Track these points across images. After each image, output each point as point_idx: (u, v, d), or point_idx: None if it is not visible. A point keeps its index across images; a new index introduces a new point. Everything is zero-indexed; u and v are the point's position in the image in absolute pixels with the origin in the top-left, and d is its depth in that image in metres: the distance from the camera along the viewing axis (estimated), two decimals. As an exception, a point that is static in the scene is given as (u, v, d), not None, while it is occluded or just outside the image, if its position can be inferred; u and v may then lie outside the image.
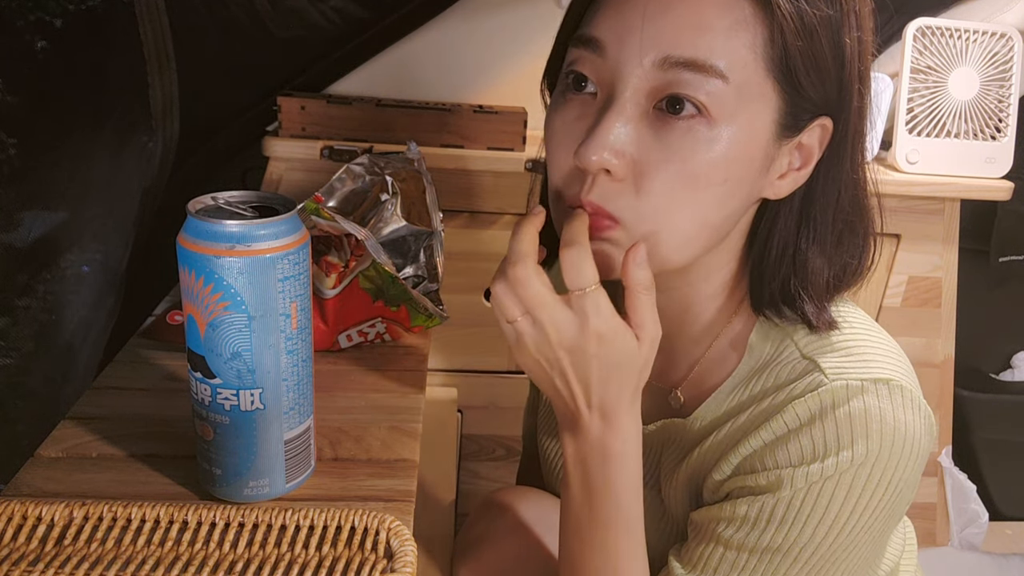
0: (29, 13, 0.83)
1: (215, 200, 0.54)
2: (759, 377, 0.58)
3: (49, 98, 0.90)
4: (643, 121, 0.51)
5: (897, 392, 0.53)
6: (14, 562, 0.48)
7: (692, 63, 0.48)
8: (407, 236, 0.86)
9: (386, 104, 1.08)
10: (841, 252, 0.57)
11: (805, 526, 0.53)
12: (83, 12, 0.88)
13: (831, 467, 0.52)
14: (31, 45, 0.84)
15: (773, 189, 0.55)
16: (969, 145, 1.16)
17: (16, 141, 0.84)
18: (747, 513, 0.55)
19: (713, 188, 0.51)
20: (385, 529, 0.52)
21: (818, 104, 0.52)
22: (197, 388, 0.54)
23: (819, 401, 0.53)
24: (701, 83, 0.49)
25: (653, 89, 0.50)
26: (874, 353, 0.56)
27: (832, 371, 0.54)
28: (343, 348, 0.83)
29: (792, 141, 0.53)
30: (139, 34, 0.97)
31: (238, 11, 1.10)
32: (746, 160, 0.51)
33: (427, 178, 0.89)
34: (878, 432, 0.52)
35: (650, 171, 0.50)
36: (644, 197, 0.51)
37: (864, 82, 0.53)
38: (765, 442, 0.55)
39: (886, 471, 0.52)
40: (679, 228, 0.52)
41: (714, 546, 0.57)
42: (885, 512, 0.54)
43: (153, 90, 1.00)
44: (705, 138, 0.50)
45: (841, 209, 0.56)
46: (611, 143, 0.50)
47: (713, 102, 0.49)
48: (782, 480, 0.53)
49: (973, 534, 1.35)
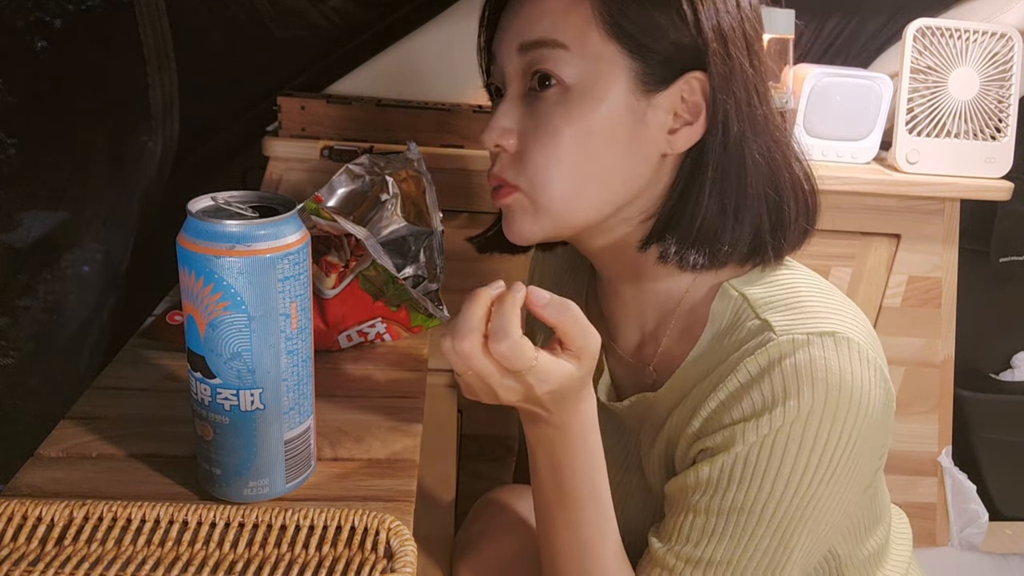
0: (29, 13, 0.83)
1: (215, 200, 0.54)
2: (720, 342, 0.60)
3: (49, 98, 0.90)
4: (524, 103, 0.61)
5: (843, 344, 0.54)
6: (14, 562, 0.48)
7: (538, 41, 0.58)
8: (407, 236, 0.86)
9: (386, 104, 1.08)
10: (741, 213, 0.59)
11: (764, 481, 0.55)
12: (83, 12, 0.88)
13: (779, 418, 0.54)
14: (31, 45, 0.84)
15: (668, 144, 0.60)
16: (969, 145, 1.16)
17: (16, 141, 0.84)
18: (709, 475, 0.57)
19: (580, 142, 0.58)
20: (385, 529, 0.52)
21: (675, 59, 0.58)
22: (197, 388, 0.54)
23: (767, 355, 0.55)
24: (548, 56, 0.58)
25: (521, 72, 0.60)
26: (823, 309, 0.57)
27: (780, 327, 0.56)
28: (343, 348, 0.83)
29: (663, 95, 0.58)
30: (139, 34, 0.97)
31: (238, 11, 1.10)
32: (607, 116, 0.58)
33: (427, 178, 0.89)
34: (823, 381, 0.53)
35: (528, 139, 0.60)
36: (528, 161, 0.60)
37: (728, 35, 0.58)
38: (720, 401, 0.57)
39: (836, 421, 0.53)
40: (562, 183, 0.59)
41: (685, 514, 0.58)
42: (843, 465, 0.55)
43: (153, 90, 1.00)
44: (563, 102, 0.58)
45: (734, 161, 0.59)
46: (498, 125, 0.61)
47: (562, 69, 0.58)
48: (735, 436, 0.55)
49: (973, 534, 1.35)
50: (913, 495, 1.31)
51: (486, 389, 0.54)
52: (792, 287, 0.60)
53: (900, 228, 1.18)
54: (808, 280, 0.62)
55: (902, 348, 1.23)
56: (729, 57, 0.58)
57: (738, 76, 0.58)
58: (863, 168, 1.16)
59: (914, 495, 1.31)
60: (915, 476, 1.30)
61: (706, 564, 0.57)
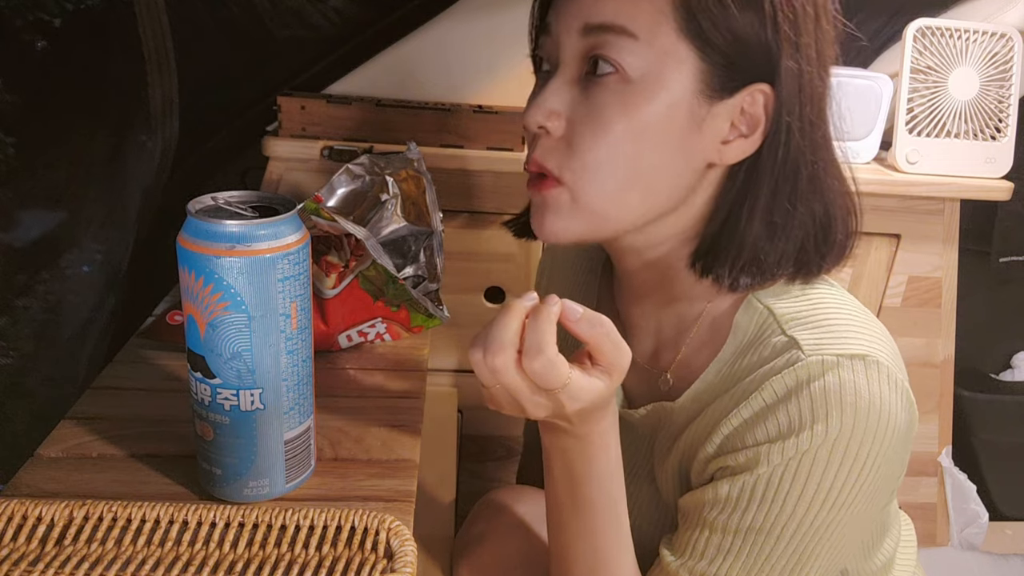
0: (28, 13, 0.83)
1: (215, 200, 0.54)
2: (744, 356, 0.58)
3: (48, 98, 0.90)
4: (576, 85, 0.56)
5: (873, 367, 0.53)
6: (14, 562, 0.48)
7: (605, 25, 0.53)
8: (407, 236, 0.86)
9: (386, 104, 1.08)
10: (786, 232, 0.57)
11: (785, 503, 0.53)
12: (82, 12, 0.88)
13: (806, 441, 0.52)
14: (30, 45, 0.84)
15: (719, 154, 0.56)
16: (969, 145, 1.16)
17: (15, 140, 0.84)
18: (728, 493, 0.55)
19: (633, 142, 0.54)
20: (385, 529, 0.52)
21: (745, 68, 0.54)
22: (197, 388, 0.54)
23: (795, 376, 0.54)
24: (614, 43, 0.53)
25: (581, 54, 0.56)
26: (853, 329, 0.56)
27: (809, 346, 0.54)
28: (343, 348, 0.83)
29: (725, 103, 0.55)
30: (139, 34, 0.97)
31: (238, 11, 1.10)
32: (665, 117, 0.54)
33: (427, 178, 0.89)
34: (852, 406, 0.52)
35: (578, 127, 0.55)
36: (574, 151, 0.56)
37: (802, 50, 0.54)
38: (744, 420, 0.56)
39: (862, 446, 0.52)
40: (607, 181, 0.56)
41: (700, 530, 0.57)
42: (866, 489, 0.54)
43: (153, 90, 1.00)
44: (621, 93, 0.54)
45: (790, 181, 0.56)
46: (545, 105, 0.56)
47: (626, 59, 0.53)
48: (759, 457, 0.54)
49: (973, 534, 1.35)
50: (913, 495, 1.31)
51: (514, 404, 0.52)
52: (820, 303, 0.58)
53: (900, 228, 1.18)
54: (836, 296, 0.60)
55: (902, 348, 1.22)
56: (801, 74, 0.55)
57: (807, 94, 0.55)
58: (863, 168, 1.16)
59: (914, 495, 1.31)
60: (915, 476, 1.30)
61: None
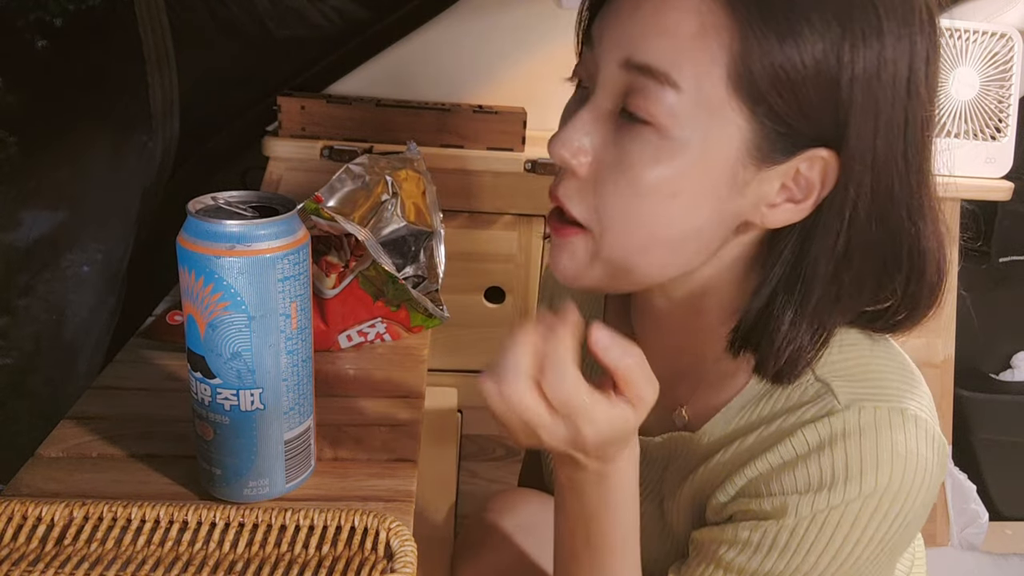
0: (29, 13, 0.83)
1: (215, 200, 0.54)
2: (770, 396, 0.55)
3: (49, 98, 0.90)
4: (610, 122, 0.50)
5: (911, 423, 0.50)
6: (14, 562, 0.48)
7: (647, 68, 0.47)
8: (407, 236, 0.86)
9: (386, 104, 1.08)
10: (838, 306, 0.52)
11: (808, 555, 0.51)
12: (83, 12, 0.88)
13: (838, 496, 0.50)
14: (31, 44, 0.84)
15: (761, 217, 0.50)
16: (969, 145, 1.16)
17: (16, 140, 0.84)
18: (749, 538, 0.53)
19: (662, 202, 0.49)
20: (385, 529, 0.52)
21: (807, 134, 0.47)
22: (197, 388, 0.54)
23: (830, 428, 0.51)
24: (654, 90, 0.47)
25: (620, 90, 0.49)
26: (891, 380, 0.53)
27: (845, 396, 0.51)
28: (343, 348, 0.83)
29: (777, 168, 0.48)
30: (139, 34, 0.97)
31: (238, 11, 1.10)
32: (702, 179, 0.48)
33: (427, 178, 0.89)
34: (888, 463, 0.49)
35: (604, 174, 0.50)
36: (598, 199, 0.50)
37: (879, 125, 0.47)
38: (772, 466, 0.53)
39: (894, 503, 0.50)
40: (627, 238, 0.50)
41: (714, 568, 0.55)
42: (892, 543, 0.52)
43: (153, 90, 1.00)
44: (654, 147, 0.48)
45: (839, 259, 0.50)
46: (572, 142, 0.50)
47: (663, 112, 0.47)
48: (787, 507, 0.51)
49: (973, 534, 1.35)
50: (913, 495, 1.31)
51: (530, 433, 0.48)
52: (854, 347, 0.54)
53: (900, 228, 1.18)
54: (873, 343, 0.55)
55: (902, 348, 1.23)
56: (879, 148, 0.48)
57: (881, 167, 0.48)
58: (863, 168, 1.16)
59: (914, 495, 1.31)
60: (915, 476, 1.30)
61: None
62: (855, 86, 0.46)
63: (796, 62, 0.45)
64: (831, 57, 0.45)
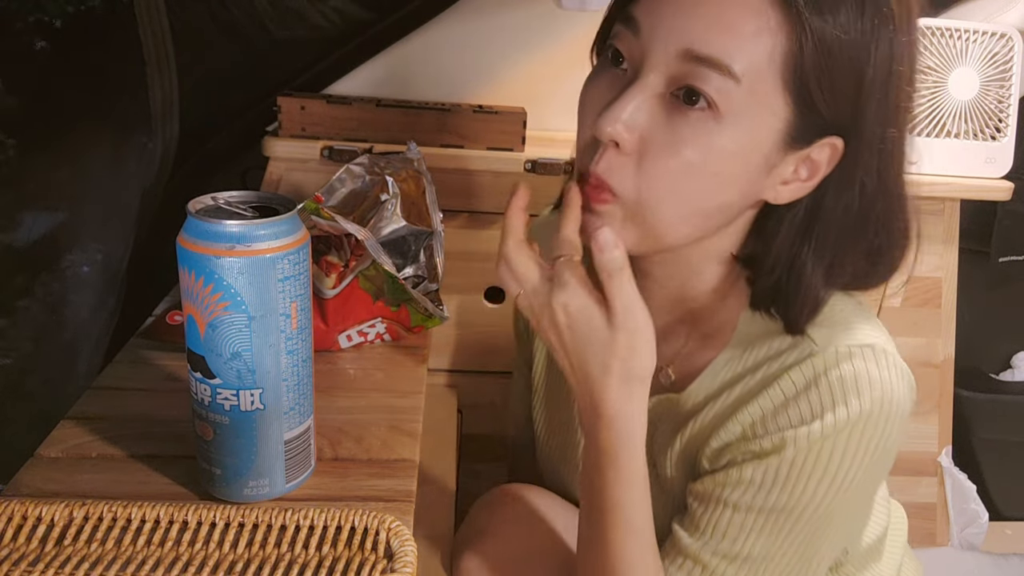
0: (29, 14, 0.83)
1: (215, 200, 0.54)
2: (751, 350, 0.61)
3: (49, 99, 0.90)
4: (659, 104, 0.54)
5: (881, 355, 0.57)
6: (14, 562, 0.48)
7: (710, 60, 0.51)
8: (407, 236, 0.86)
9: (386, 104, 1.08)
10: (839, 271, 0.59)
11: (808, 484, 0.57)
12: (83, 13, 0.88)
13: (829, 425, 0.56)
14: (31, 46, 0.85)
15: (774, 193, 0.57)
16: (969, 145, 1.16)
17: (16, 141, 0.84)
18: (752, 476, 0.58)
19: (707, 179, 0.54)
20: (385, 529, 0.52)
21: (829, 123, 0.54)
22: (197, 388, 0.54)
23: (812, 367, 0.57)
24: (716, 80, 0.51)
25: (673, 77, 0.53)
26: (856, 322, 0.60)
27: (820, 339, 0.58)
28: (343, 348, 0.83)
29: (801, 152, 0.55)
30: (139, 35, 0.97)
31: (238, 11, 1.10)
32: (744, 160, 0.54)
33: (427, 178, 0.89)
34: (867, 391, 0.56)
35: (653, 151, 0.53)
36: (643, 174, 0.54)
37: (888, 114, 0.54)
38: (764, 410, 0.59)
39: (876, 427, 0.56)
40: (669, 209, 0.55)
41: (721, 510, 0.59)
42: (875, 469, 0.58)
43: (153, 91, 1.00)
44: (709, 131, 0.52)
45: (845, 229, 0.58)
46: (625, 117, 0.53)
47: (723, 100, 0.51)
48: (785, 442, 0.57)
49: (973, 534, 1.35)
50: (913, 495, 1.31)
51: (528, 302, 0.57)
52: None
53: (900, 228, 1.18)
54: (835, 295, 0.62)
55: (902, 348, 1.21)
56: (877, 136, 0.55)
57: (875, 150, 0.55)
58: (863, 168, 1.16)
59: (914, 495, 1.31)
60: (915, 476, 1.30)
61: (743, 559, 0.59)
62: (876, 76, 0.52)
63: (837, 54, 0.51)
64: (861, 49, 0.51)
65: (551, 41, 1.16)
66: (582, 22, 0.70)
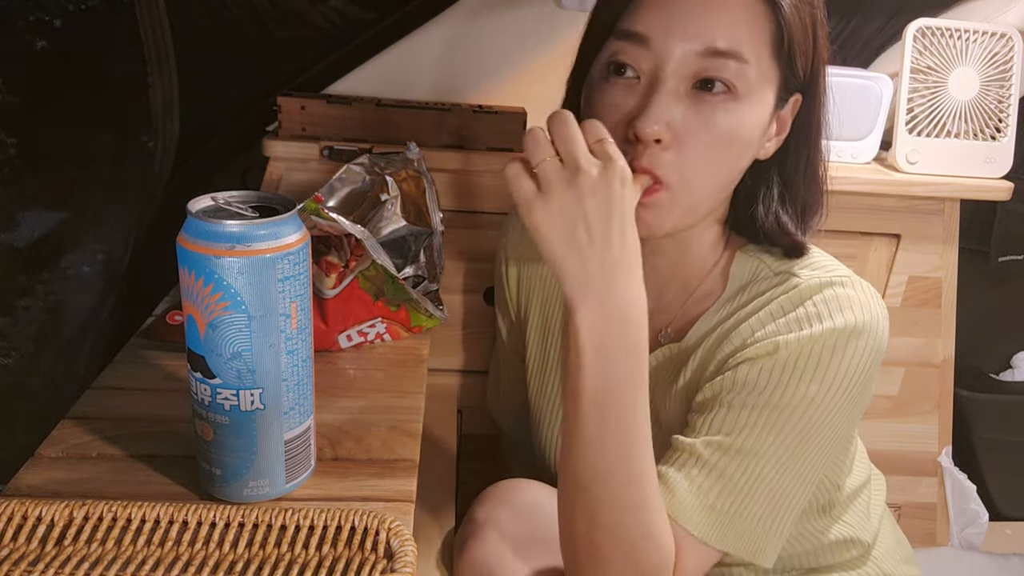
0: (29, 13, 0.83)
1: (215, 200, 0.54)
2: (742, 293, 0.70)
3: (49, 98, 0.90)
4: (684, 99, 0.62)
5: (858, 284, 0.67)
6: (14, 562, 0.49)
7: (728, 52, 0.61)
8: (407, 236, 0.86)
9: (386, 104, 1.08)
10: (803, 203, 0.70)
11: (800, 384, 0.63)
12: (83, 12, 0.88)
13: (818, 332, 0.63)
14: (31, 45, 0.84)
15: (764, 150, 0.67)
16: (969, 145, 1.16)
17: (17, 141, 0.84)
18: (747, 377, 0.64)
19: (736, 149, 0.63)
20: (385, 529, 0.52)
21: (799, 82, 0.66)
22: (197, 388, 0.54)
23: (799, 293, 0.66)
24: (732, 67, 0.61)
25: (692, 73, 0.61)
26: (832, 262, 0.70)
27: (804, 274, 0.68)
28: (343, 348, 0.83)
29: (779, 112, 0.66)
30: (139, 34, 0.97)
31: (238, 11, 1.10)
32: (759, 127, 0.64)
33: (427, 178, 0.89)
34: (849, 308, 0.64)
35: (690, 138, 0.62)
36: (685, 159, 0.62)
37: (824, 65, 0.68)
38: (755, 328, 0.66)
39: (860, 339, 0.63)
40: (708, 184, 0.64)
41: (716, 409, 0.64)
42: (859, 380, 0.64)
43: (153, 90, 1.00)
44: (732, 110, 0.62)
45: (809, 168, 0.69)
46: (663, 117, 0.61)
47: (740, 82, 0.61)
48: (777, 345, 0.64)
49: (973, 534, 1.35)
50: (913, 495, 1.31)
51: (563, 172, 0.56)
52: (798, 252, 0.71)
53: (900, 228, 1.18)
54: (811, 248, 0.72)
55: (902, 348, 1.23)
56: (825, 87, 0.67)
57: (822, 102, 0.68)
58: (863, 168, 1.16)
59: (914, 495, 1.31)
60: (915, 476, 1.30)
61: (735, 452, 0.63)
62: (821, 33, 0.65)
63: (805, 24, 0.63)
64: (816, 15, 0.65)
65: (551, 41, 1.16)
66: (582, 22, 0.70)
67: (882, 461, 0.94)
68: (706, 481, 0.62)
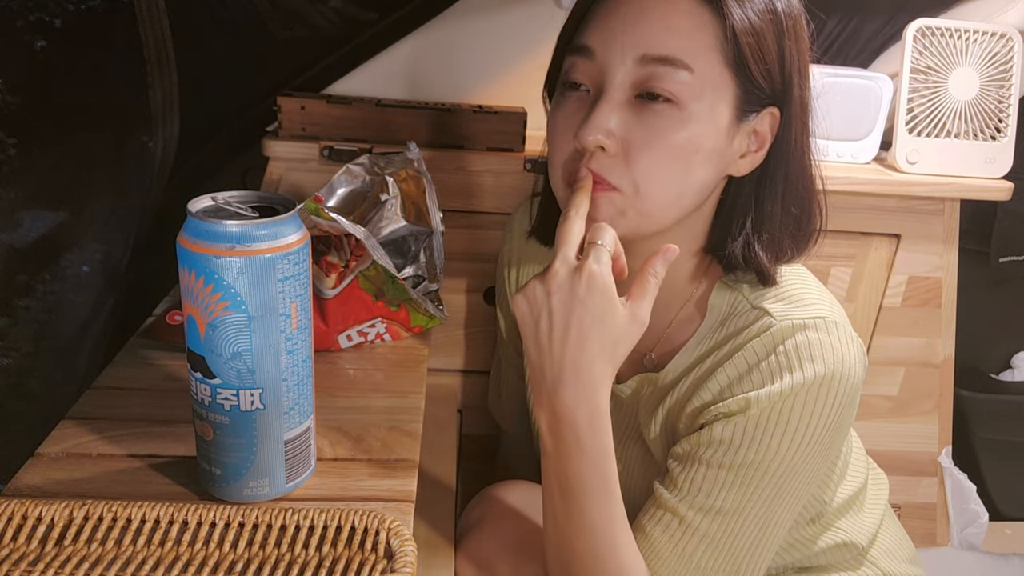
0: (29, 13, 0.83)
1: (215, 200, 0.54)
2: (720, 329, 0.69)
3: (49, 98, 0.90)
4: (628, 108, 0.62)
5: (832, 326, 0.65)
6: (14, 562, 0.49)
7: (664, 59, 0.60)
8: (407, 236, 0.86)
9: (386, 104, 1.08)
10: (788, 225, 0.68)
11: (772, 440, 0.63)
12: (83, 12, 0.88)
13: (787, 386, 0.63)
14: (31, 45, 0.84)
15: (736, 167, 0.66)
16: (969, 145, 1.16)
17: (16, 141, 0.84)
18: (722, 435, 0.64)
19: (686, 158, 0.62)
20: (385, 529, 0.52)
21: (767, 94, 0.64)
22: (197, 388, 0.54)
23: (772, 339, 0.65)
24: (672, 74, 0.60)
25: (634, 82, 0.61)
26: (809, 297, 0.68)
27: (778, 314, 0.66)
28: (343, 348, 0.83)
29: (748, 125, 0.64)
30: (139, 34, 0.96)
31: (238, 11, 1.10)
32: (711, 136, 0.62)
33: (427, 178, 0.89)
34: (820, 357, 0.63)
35: (636, 146, 0.62)
36: (633, 167, 0.62)
37: (804, 80, 0.65)
38: (731, 377, 0.66)
39: (830, 389, 0.63)
40: (662, 191, 0.63)
41: (696, 467, 0.65)
42: (833, 427, 0.64)
43: (153, 90, 1.00)
44: (677, 118, 0.61)
45: (790, 189, 0.67)
46: (603, 126, 0.61)
47: (682, 90, 0.60)
48: (749, 402, 0.64)
49: (973, 534, 1.35)
50: (913, 495, 1.31)
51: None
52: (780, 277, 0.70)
53: (900, 228, 1.18)
54: (791, 271, 0.70)
55: (902, 348, 1.23)
56: (802, 99, 0.65)
57: (801, 115, 0.66)
58: (863, 168, 1.16)
59: (914, 495, 1.31)
60: (915, 476, 1.30)
61: (716, 512, 0.64)
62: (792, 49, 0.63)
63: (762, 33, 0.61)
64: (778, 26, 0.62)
65: (551, 41, 1.16)
66: (582, 22, 0.70)
67: (882, 461, 0.94)
68: (689, 544, 0.65)
